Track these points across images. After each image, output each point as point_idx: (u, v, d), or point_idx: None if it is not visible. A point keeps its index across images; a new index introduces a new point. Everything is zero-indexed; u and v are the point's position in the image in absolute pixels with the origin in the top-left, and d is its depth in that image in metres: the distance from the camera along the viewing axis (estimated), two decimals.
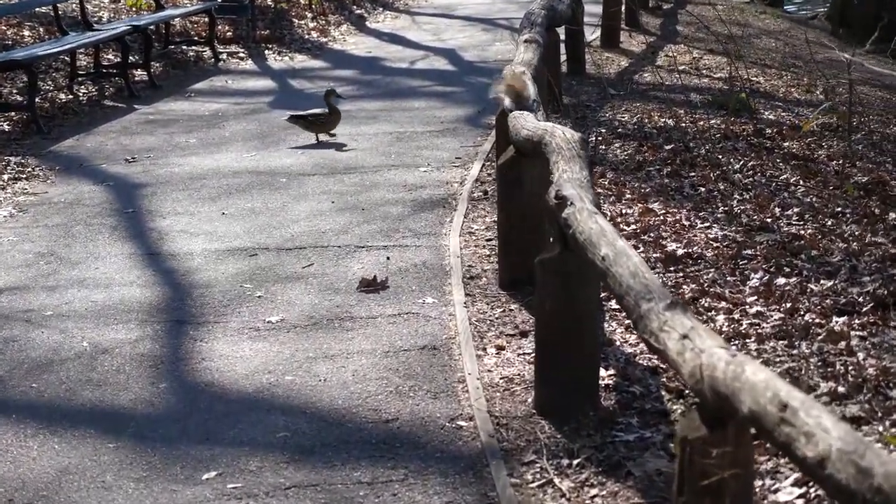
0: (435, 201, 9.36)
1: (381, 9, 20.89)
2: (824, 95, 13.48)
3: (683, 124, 11.40)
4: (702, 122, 11.43)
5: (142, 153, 11.31)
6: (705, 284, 7.06)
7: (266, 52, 16.67)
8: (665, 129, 11.16)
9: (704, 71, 14.51)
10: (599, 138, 10.92)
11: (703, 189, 9.17)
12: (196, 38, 16.60)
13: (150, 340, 6.75)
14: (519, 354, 6.32)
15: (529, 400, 5.73)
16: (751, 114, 12.02)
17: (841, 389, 5.54)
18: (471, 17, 19.83)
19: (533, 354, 6.17)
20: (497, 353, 6.34)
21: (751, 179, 9.43)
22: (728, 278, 7.19)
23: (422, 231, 8.61)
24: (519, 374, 6.05)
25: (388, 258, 8.02)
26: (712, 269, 7.32)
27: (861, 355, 5.94)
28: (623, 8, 16.99)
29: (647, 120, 11.70)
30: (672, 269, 7.37)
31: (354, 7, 20.53)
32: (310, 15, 19.20)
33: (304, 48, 17.06)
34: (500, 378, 6.02)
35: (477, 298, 7.19)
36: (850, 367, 5.77)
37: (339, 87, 13.77)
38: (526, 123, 6.97)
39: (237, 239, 8.58)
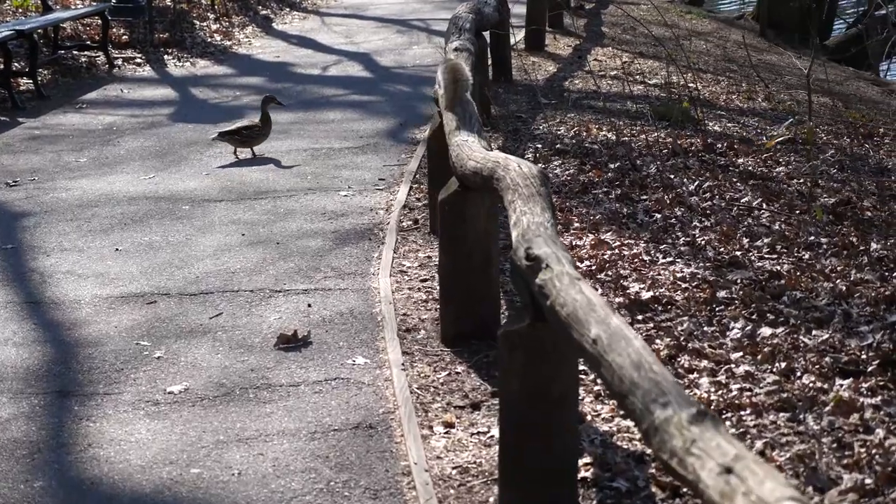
0: (359, 232, 8.28)
1: (287, 9, 19.72)
2: (767, 102, 12.63)
3: (626, 138, 10.44)
4: (644, 136, 10.48)
5: (25, 175, 10.08)
6: (681, 338, 6.07)
7: (165, 57, 15.43)
8: (607, 145, 10.19)
9: (638, 77, 13.58)
10: (537, 155, 9.92)
11: (658, 215, 8.21)
12: (88, 43, 15.31)
13: (26, 420, 5.60)
14: (472, 434, 5.28)
15: (491, 500, 4.68)
16: (695, 125, 11.12)
17: (868, 482, 4.57)
18: (384, 18, 18.75)
19: (488, 433, 5.15)
20: (446, 433, 5.30)
21: (709, 203, 8.49)
22: (705, 328, 6.22)
23: (346, 270, 7.54)
24: (475, 463, 5.01)
25: (309, 305, 6.94)
26: (686, 318, 6.34)
27: (880, 433, 5.00)
28: (547, 9, 16.00)
29: (585, 133, 10.72)
30: (640, 317, 6.37)
31: (260, 7, 19.34)
32: (212, 16, 17.99)
33: (206, 53, 15.85)
34: (453, 468, 4.98)
35: (416, 357, 6.14)
36: (873, 451, 4.81)
37: (245, 97, 12.67)
38: (473, 153, 5.94)
39: (133, 282, 7.43)
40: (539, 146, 10.28)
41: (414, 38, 16.70)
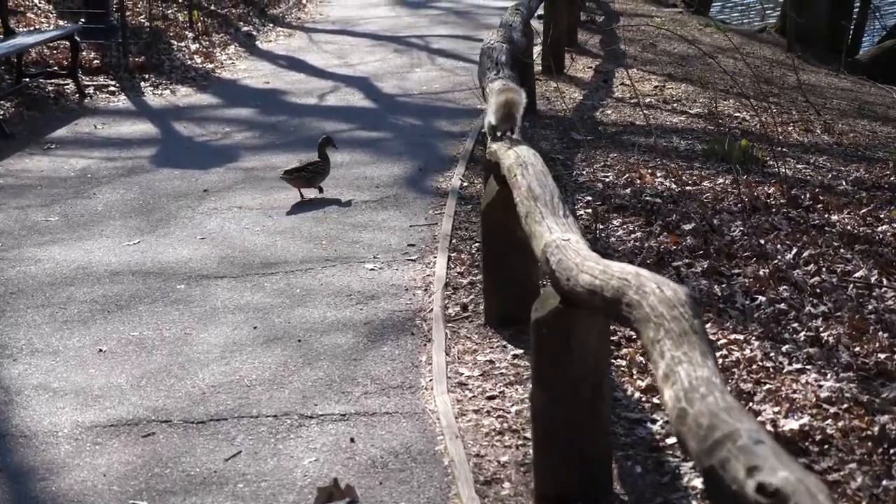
0: (397, 324, 6.76)
1: (271, 25, 18.12)
2: (828, 134, 11.17)
3: (689, 187, 8.95)
4: (709, 184, 9.02)
5: None
6: (861, 502, 4.57)
7: (142, 83, 13.84)
8: (671, 197, 8.70)
9: (675, 105, 12.10)
10: (589, 211, 8.42)
11: (761, 298, 6.72)
12: (56, 69, 13.68)
13: None
14: None
15: None
16: (760, 167, 9.65)
17: None
18: (377, 34, 17.19)
19: None
20: None
21: (818, 279, 7.01)
22: (885, 483, 4.71)
23: (390, 381, 6.02)
24: None
25: (351, 440, 5.43)
26: (855, 465, 4.85)
27: None
28: (567, 27, 14.49)
29: (639, 181, 9.23)
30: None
31: (241, 24, 17.73)
32: (190, 35, 16.38)
33: (187, 78, 14.25)
34: None
35: None
36: None
37: (236, 134, 11.16)
38: (584, 262, 4.45)
39: (123, 401, 5.90)
40: (590, 199, 8.79)
41: (415, 59, 15.16)
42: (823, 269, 7.14)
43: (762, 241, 7.59)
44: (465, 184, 9.54)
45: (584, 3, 17.91)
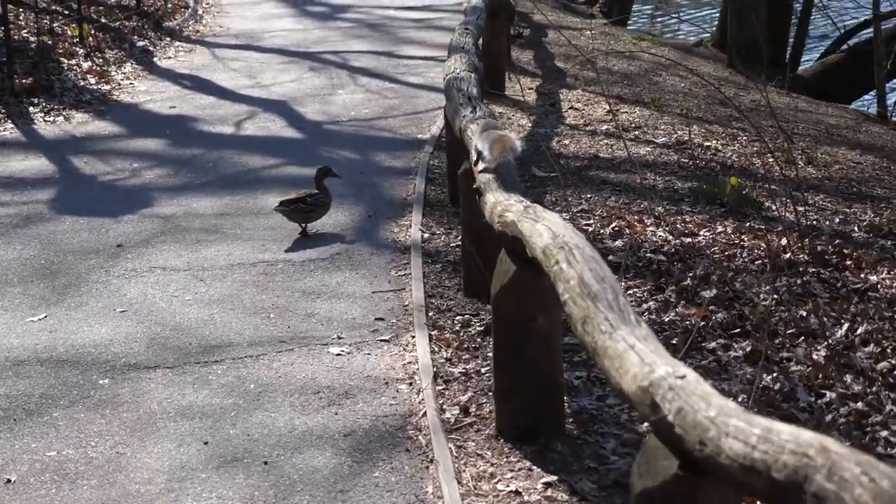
0: (385, 434, 5.42)
1: (168, 39, 16.53)
2: (813, 167, 10.08)
3: (687, 237, 7.75)
4: (710, 234, 7.84)
5: None
6: None
7: (31, 109, 12.24)
8: (675, 253, 7.46)
9: (636, 133, 10.91)
10: None
11: (830, 394, 5.50)
12: None
13: None
14: None
15: None
16: (757, 210, 8.51)
17: None
18: (286, 49, 15.74)
19: None
20: None
21: (886, 365, 5.81)
22: None
23: None
24: None
25: None
26: None
27: None
28: (508, 43, 13.23)
29: (627, 230, 8.00)
30: None
31: (136, 38, 16.12)
32: (82, 52, 14.76)
33: (82, 102, 12.68)
34: None
35: None
36: None
37: (147, 171, 9.73)
38: (729, 418, 3.13)
39: None
40: None
41: (335, 79, 13.76)
42: (888, 350, 5.95)
43: (801, 313, 6.38)
44: (425, 234, 8.22)
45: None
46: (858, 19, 17.86)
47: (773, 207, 8.71)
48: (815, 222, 8.31)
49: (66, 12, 16.55)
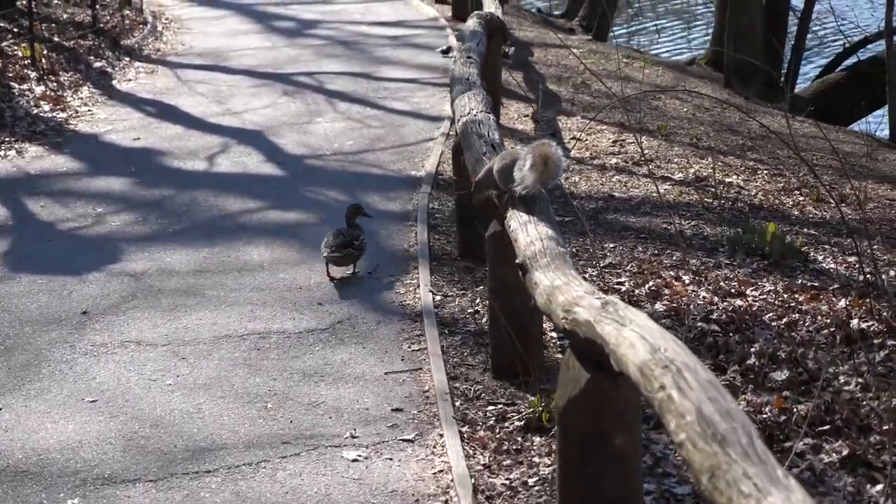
0: None
1: (127, 59, 15.42)
2: (846, 206, 9.17)
3: (735, 299, 6.80)
4: (753, 291, 6.90)
5: None
6: None
7: None
8: (729, 321, 6.50)
9: (649, 168, 9.96)
10: None
11: None
12: None
13: None
14: None
15: None
16: (804, 262, 7.58)
17: None
18: (256, 70, 14.68)
19: None
20: None
21: None
22: None
23: None
24: None
25: None
26: None
27: None
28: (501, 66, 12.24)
29: (666, 290, 7.03)
30: None
31: (93, 58, 15.00)
32: (34, 75, 13.65)
33: (36, 133, 11.59)
34: None
35: None
36: None
37: (111, 216, 8.76)
38: None
39: None
40: None
41: (311, 105, 12.72)
42: None
43: (889, 401, 5.44)
44: (437, 296, 7.22)
45: None
46: (852, 37, 17.02)
47: (820, 259, 7.77)
48: (870, 276, 7.37)
49: (15, 30, 15.44)
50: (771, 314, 6.64)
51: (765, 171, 10.15)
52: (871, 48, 16.94)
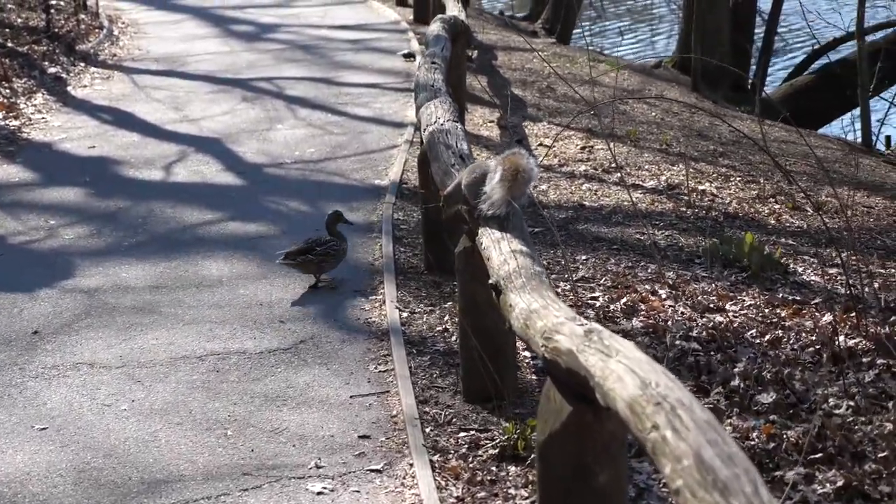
0: None
1: (83, 65, 15.03)
2: (824, 213, 8.95)
3: (713, 314, 6.56)
4: (733, 306, 6.65)
5: None
6: None
7: None
8: (708, 338, 6.26)
9: (619, 175, 9.70)
10: None
11: None
12: None
13: None
14: None
15: None
16: (784, 274, 7.36)
17: None
18: (214, 76, 14.33)
19: None
20: None
21: None
22: None
23: None
24: None
25: None
26: None
27: None
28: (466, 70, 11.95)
29: (641, 304, 6.78)
30: None
31: (47, 64, 14.62)
32: None
33: None
34: None
35: None
36: None
37: (64, 228, 8.46)
38: None
39: None
40: None
41: (271, 111, 12.40)
42: None
43: (889, 426, 5.19)
44: (403, 313, 6.93)
45: None
46: (819, 39, 16.85)
47: (800, 270, 7.55)
48: (854, 289, 7.13)
49: None
50: (753, 331, 6.39)
51: (738, 178, 9.93)
52: (841, 49, 16.77)
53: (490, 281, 4.85)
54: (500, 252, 4.96)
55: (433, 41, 9.43)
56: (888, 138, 14.27)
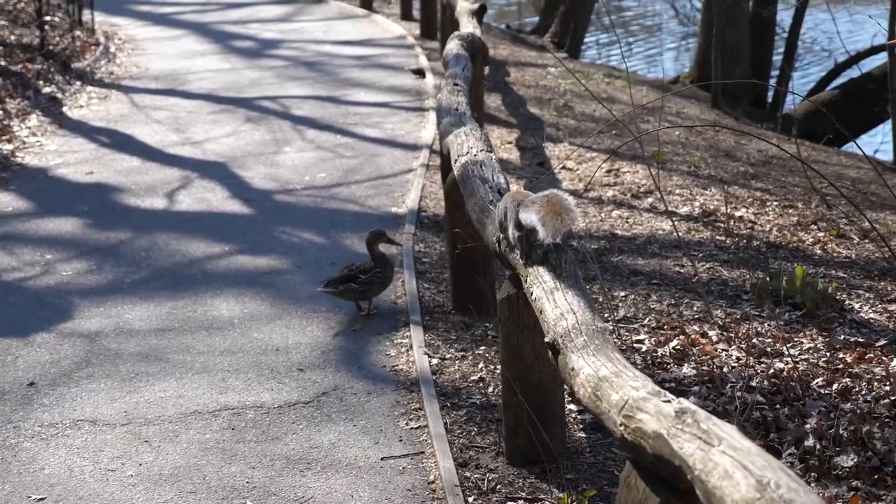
0: None
1: (79, 83, 14.47)
2: (870, 243, 8.42)
3: (771, 359, 6.00)
4: (792, 349, 6.10)
5: None
6: None
7: None
8: (772, 387, 5.69)
9: (652, 201, 9.16)
10: None
11: None
12: None
13: None
14: None
15: None
16: (840, 311, 6.80)
17: None
18: (216, 94, 13.79)
19: None
20: None
21: None
22: None
23: None
24: None
25: None
26: None
27: None
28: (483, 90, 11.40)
29: (692, 349, 6.21)
30: None
31: (42, 83, 14.05)
32: None
33: None
34: None
35: None
36: None
37: (62, 264, 7.96)
38: None
39: None
40: None
41: (277, 132, 11.84)
42: None
43: None
44: (433, 359, 6.36)
45: None
46: (840, 53, 16.31)
47: (856, 307, 6.99)
48: None
49: None
50: (819, 379, 5.83)
51: (774, 203, 9.37)
52: (865, 64, 16.23)
53: (546, 339, 4.28)
54: (556, 305, 4.40)
55: (453, 61, 8.87)
56: None
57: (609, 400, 3.65)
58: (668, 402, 3.40)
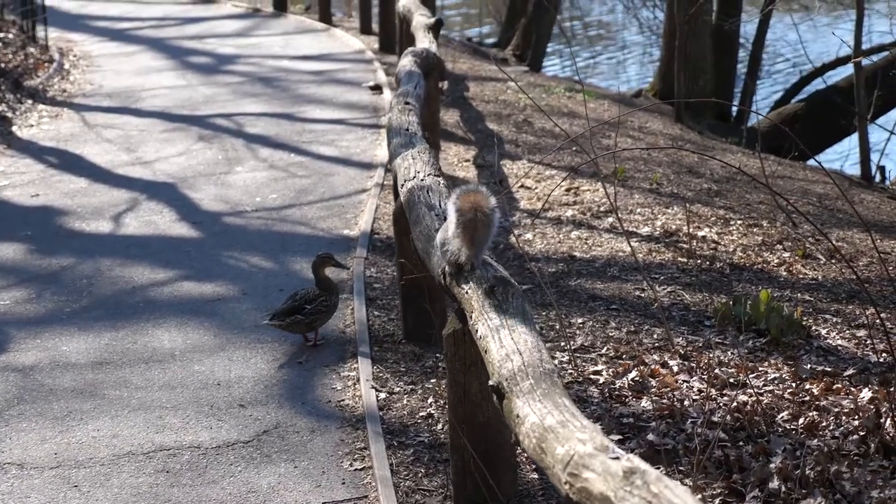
0: None
1: (30, 102, 14.13)
2: (836, 261, 8.19)
3: (733, 390, 5.75)
4: (757, 380, 5.86)
5: None
6: None
7: None
8: (735, 423, 5.44)
9: (611, 220, 8.91)
10: None
11: None
12: None
13: None
14: None
15: None
16: (807, 338, 6.56)
17: None
18: (170, 112, 13.46)
19: None
20: None
21: None
22: None
23: None
24: None
25: None
26: None
27: None
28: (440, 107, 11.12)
29: (651, 379, 5.96)
30: None
31: None
32: None
33: None
34: None
35: None
36: None
37: (2, 293, 7.51)
38: None
39: None
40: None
41: (230, 151, 11.54)
42: None
43: None
44: (381, 394, 6.08)
45: None
46: (799, 67, 16.15)
47: (823, 333, 6.75)
48: (884, 355, 6.35)
49: None
50: (784, 413, 5.58)
51: (738, 222, 9.13)
52: (831, 76, 16.06)
53: (490, 382, 4.01)
54: (501, 345, 4.13)
55: (405, 78, 8.60)
56: (882, 169, 13.50)
57: (554, 454, 3.38)
58: (617, 458, 3.13)
